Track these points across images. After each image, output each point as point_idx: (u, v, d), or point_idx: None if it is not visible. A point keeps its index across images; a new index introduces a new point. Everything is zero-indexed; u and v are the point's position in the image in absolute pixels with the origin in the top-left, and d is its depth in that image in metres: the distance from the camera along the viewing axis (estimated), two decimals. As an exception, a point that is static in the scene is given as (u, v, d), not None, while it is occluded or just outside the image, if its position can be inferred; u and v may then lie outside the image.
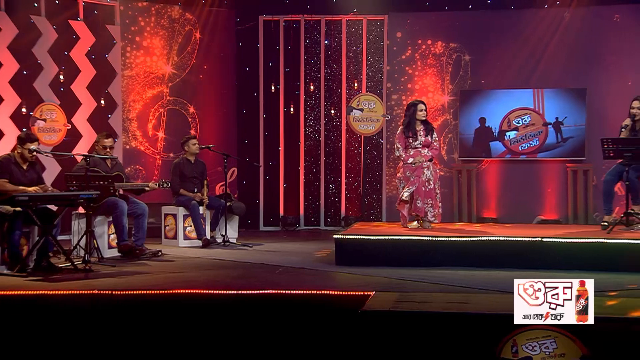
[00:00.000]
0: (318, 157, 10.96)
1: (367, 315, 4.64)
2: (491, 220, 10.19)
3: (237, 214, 9.10)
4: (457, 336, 4.48)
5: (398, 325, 4.57)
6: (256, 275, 6.36)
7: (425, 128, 7.86)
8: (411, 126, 7.83)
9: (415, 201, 7.56)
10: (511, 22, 10.37)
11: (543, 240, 6.67)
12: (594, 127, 9.86)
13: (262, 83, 10.94)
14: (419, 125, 7.84)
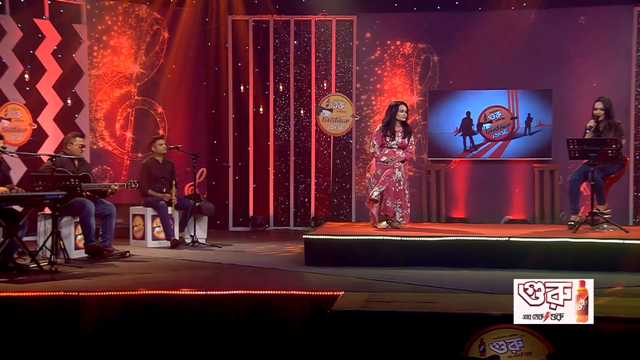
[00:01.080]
0: (287, 157, 10.95)
1: (336, 315, 4.65)
2: (460, 220, 10.28)
3: (206, 214, 9.05)
4: (426, 336, 4.51)
5: (367, 325, 4.58)
6: (225, 276, 6.34)
7: (404, 130, 7.91)
8: (390, 126, 7.87)
9: (385, 201, 7.59)
10: (479, 23, 10.44)
11: (510, 240, 6.74)
12: (560, 128, 9.99)
13: (232, 83, 10.90)
14: (398, 126, 7.90)
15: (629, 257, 6.43)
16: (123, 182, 8.18)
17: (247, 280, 6.17)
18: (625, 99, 10.05)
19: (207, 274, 6.45)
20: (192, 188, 8.99)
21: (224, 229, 10.69)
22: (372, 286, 5.77)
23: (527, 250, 6.67)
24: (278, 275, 6.41)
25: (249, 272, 6.61)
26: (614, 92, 9.32)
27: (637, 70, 10.16)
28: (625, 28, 10.18)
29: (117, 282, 6.01)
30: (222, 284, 5.77)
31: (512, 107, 10.34)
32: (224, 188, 10.90)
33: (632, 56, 10.15)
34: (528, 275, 6.16)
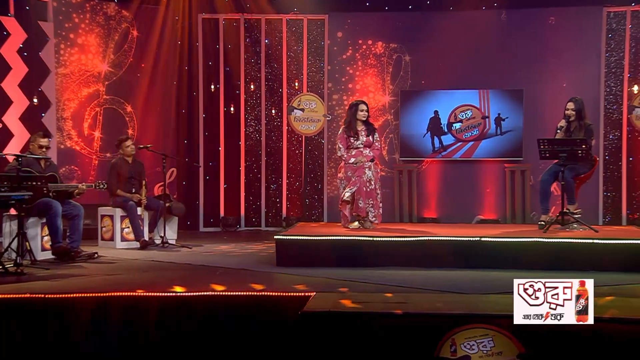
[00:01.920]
0: (259, 157, 10.93)
1: (307, 316, 4.65)
2: (431, 220, 10.35)
3: (176, 214, 9.01)
4: (398, 336, 4.54)
5: (339, 325, 4.59)
6: (196, 277, 6.30)
7: (367, 128, 7.91)
8: (352, 126, 7.88)
9: (357, 201, 7.60)
10: (450, 23, 10.52)
11: (482, 240, 6.79)
12: (531, 128, 10.09)
13: (202, 82, 10.86)
14: (360, 125, 7.90)
15: (599, 256, 6.51)
16: (91, 183, 8.09)
17: (218, 281, 6.14)
18: (595, 100, 10.20)
19: (177, 275, 6.40)
20: (162, 188, 8.92)
21: (194, 230, 10.65)
22: (344, 286, 5.77)
23: (499, 251, 6.73)
24: (249, 276, 6.39)
25: (220, 273, 6.59)
26: (584, 92, 9.43)
27: (606, 71, 10.31)
28: (595, 29, 10.33)
29: (85, 284, 5.95)
30: (192, 286, 5.74)
31: (483, 107, 10.43)
32: (195, 188, 10.86)
33: (601, 57, 10.30)
34: (499, 275, 6.28)
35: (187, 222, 10.52)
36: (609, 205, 10.38)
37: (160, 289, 5.47)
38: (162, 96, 10.80)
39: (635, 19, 10.24)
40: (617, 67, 10.31)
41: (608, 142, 10.33)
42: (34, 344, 5.10)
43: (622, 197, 10.30)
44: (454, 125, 10.50)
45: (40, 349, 5.10)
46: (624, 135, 10.28)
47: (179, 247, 8.48)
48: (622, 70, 10.28)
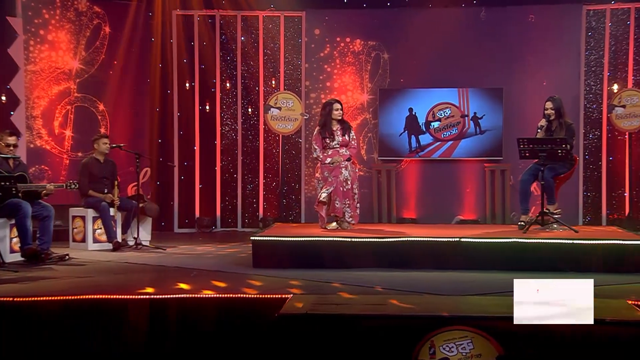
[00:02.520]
0: (235, 157, 10.90)
1: (284, 318, 4.65)
2: (410, 221, 10.38)
3: (150, 215, 8.97)
4: (376, 339, 4.54)
5: (316, 328, 4.59)
6: (170, 279, 6.27)
7: (342, 127, 7.91)
8: (327, 126, 7.87)
9: (334, 202, 7.61)
10: (429, 21, 10.57)
11: (461, 241, 6.82)
12: (511, 127, 10.16)
13: (176, 80, 10.81)
14: (336, 125, 7.90)
15: (579, 257, 6.57)
16: (62, 183, 8.02)
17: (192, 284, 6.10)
18: (575, 98, 10.29)
19: (151, 277, 6.37)
20: (136, 188, 8.88)
21: (168, 231, 10.60)
22: (321, 288, 5.78)
23: (478, 252, 6.76)
24: (225, 278, 6.37)
25: (195, 274, 6.55)
26: (564, 91, 9.55)
27: (586, 70, 10.41)
28: (575, 27, 10.42)
29: (55, 286, 5.89)
30: (166, 288, 5.71)
31: (462, 106, 10.48)
32: (169, 188, 10.81)
33: (581, 55, 10.40)
34: (478, 276, 6.31)
35: (162, 223, 10.47)
36: (589, 205, 10.47)
37: (133, 292, 5.43)
38: (135, 94, 10.72)
39: (614, 17, 10.35)
40: (596, 66, 10.41)
41: (588, 141, 10.42)
42: (2, 348, 5.04)
43: (602, 197, 10.40)
44: (432, 124, 10.54)
45: (9, 353, 5.04)
46: (603, 135, 10.38)
47: (153, 248, 8.43)
48: (601, 68, 10.38)
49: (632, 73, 10.25)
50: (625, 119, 9.78)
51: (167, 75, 10.79)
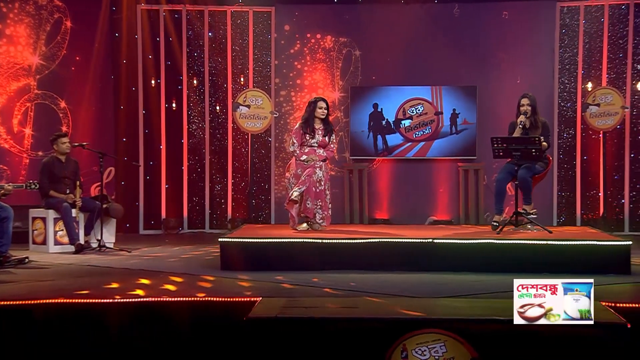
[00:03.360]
0: (203, 156, 10.84)
1: (252, 322, 4.64)
2: (383, 222, 10.41)
3: (114, 216, 8.89)
4: (347, 342, 4.54)
5: (285, 332, 4.58)
6: (134, 282, 6.22)
7: (325, 128, 7.91)
8: (310, 123, 7.87)
9: (305, 202, 7.60)
10: (402, 17, 10.60)
11: (434, 242, 6.85)
12: (484, 126, 10.23)
13: (141, 77, 10.71)
14: (318, 124, 7.90)
15: (553, 258, 6.63)
16: (22, 183, 7.92)
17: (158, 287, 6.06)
18: (549, 96, 10.39)
19: (114, 281, 6.30)
20: (99, 189, 8.81)
21: (133, 233, 10.51)
22: (291, 291, 5.78)
23: (452, 253, 6.80)
24: (192, 281, 6.34)
25: (161, 278, 6.50)
26: (538, 89, 9.64)
27: (560, 67, 10.51)
28: (549, 24, 10.52)
29: (14, 290, 5.84)
30: (130, 291, 5.66)
31: (436, 104, 10.53)
32: (134, 189, 10.71)
33: (555, 53, 10.50)
34: (452, 278, 6.35)
35: (126, 224, 10.37)
36: (564, 205, 10.58)
37: (96, 296, 5.38)
38: (98, 91, 10.63)
39: (588, 14, 10.46)
40: (571, 64, 10.51)
41: (562, 140, 10.52)
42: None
43: (577, 197, 10.50)
44: (403, 122, 10.56)
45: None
46: (578, 134, 10.48)
47: (117, 250, 8.37)
48: (575, 66, 10.49)
49: (606, 71, 10.37)
50: (600, 118, 9.89)
51: (132, 72, 10.68)
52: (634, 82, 10.26)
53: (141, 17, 10.69)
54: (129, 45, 10.66)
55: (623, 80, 10.27)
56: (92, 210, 8.56)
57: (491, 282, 6.17)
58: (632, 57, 10.26)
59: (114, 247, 8.58)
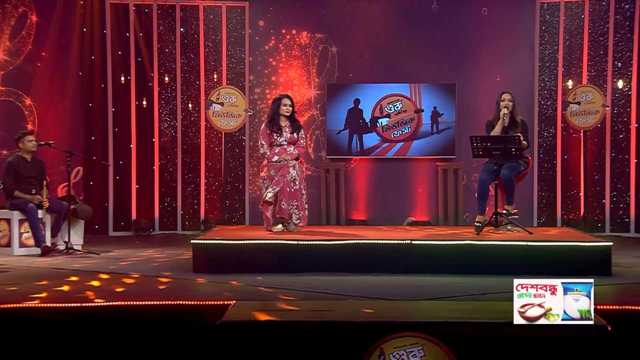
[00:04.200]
0: (175, 155, 10.79)
1: (226, 326, 4.61)
2: (360, 223, 10.43)
3: (82, 217, 8.83)
4: (323, 346, 4.54)
5: (259, 336, 4.57)
6: (103, 286, 6.18)
7: (292, 125, 7.90)
8: (275, 122, 7.85)
9: (280, 202, 7.59)
10: (380, 13, 10.65)
11: (413, 243, 6.86)
12: (463, 124, 10.29)
13: (111, 73, 10.63)
14: (285, 121, 7.89)
15: (533, 259, 6.67)
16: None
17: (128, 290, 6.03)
18: (529, 95, 10.47)
19: (83, 285, 6.26)
20: (67, 189, 8.74)
21: (103, 234, 10.45)
22: (266, 294, 5.76)
23: (430, 254, 6.82)
24: (163, 285, 6.30)
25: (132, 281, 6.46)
26: (518, 87, 9.72)
27: (540, 65, 10.59)
28: (528, 21, 10.60)
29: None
30: (99, 295, 5.62)
31: (415, 102, 10.56)
32: (103, 189, 10.64)
33: (535, 50, 10.58)
34: (430, 280, 6.37)
35: (95, 225, 10.31)
36: (544, 205, 10.66)
37: (62, 300, 5.33)
38: (66, 88, 10.54)
39: (568, 10, 10.55)
40: (551, 61, 10.60)
41: (543, 139, 10.60)
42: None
43: (557, 197, 10.59)
44: (380, 120, 10.58)
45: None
46: (558, 133, 10.57)
47: (86, 253, 8.30)
48: (556, 64, 10.57)
49: (587, 69, 10.46)
50: (580, 116, 9.97)
51: (100, 69, 10.60)
52: (615, 80, 10.36)
53: (110, 11, 10.61)
54: (97, 40, 10.58)
55: (604, 78, 10.37)
56: (59, 211, 8.49)
57: (471, 284, 6.20)
58: (612, 54, 10.36)
59: (82, 249, 8.52)
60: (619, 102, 10.37)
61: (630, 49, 10.29)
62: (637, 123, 10.28)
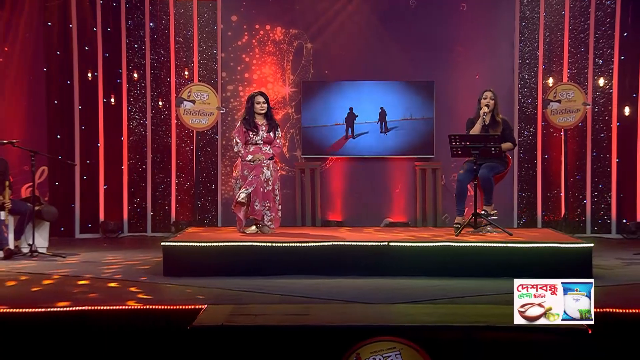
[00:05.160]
0: (144, 155, 10.74)
1: (197, 331, 4.62)
2: (336, 224, 10.44)
3: (47, 219, 8.76)
4: (297, 351, 4.55)
5: (232, 341, 4.57)
6: (69, 290, 6.14)
7: (269, 123, 7.91)
8: (250, 120, 7.85)
9: (253, 203, 7.59)
10: (356, 9, 10.68)
11: (390, 245, 6.90)
12: (442, 123, 10.34)
13: (77, 69, 10.56)
14: (261, 120, 7.89)
15: (513, 261, 6.72)
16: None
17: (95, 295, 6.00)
18: (509, 92, 10.55)
19: (47, 289, 6.23)
20: (31, 189, 8.67)
21: (69, 237, 10.39)
22: (239, 298, 5.77)
23: (408, 256, 6.85)
24: (132, 289, 6.28)
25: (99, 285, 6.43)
26: (498, 85, 9.74)
27: (520, 62, 10.67)
28: (508, 17, 10.68)
29: None
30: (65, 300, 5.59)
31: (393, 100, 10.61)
32: (69, 189, 10.56)
33: (515, 47, 10.66)
34: (408, 283, 6.40)
35: (61, 227, 10.24)
36: (524, 206, 10.73)
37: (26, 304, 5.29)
38: (30, 84, 10.48)
39: (549, 6, 10.63)
40: (531, 58, 10.68)
41: (523, 138, 10.67)
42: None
43: (538, 198, 10.67)
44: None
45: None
46: (539, 131, 10.65)
47: (51, 256, 8.25)
48: (536, 61, 10.66)
49: (567, 66, 10.56)
50: (561, 115, 10.03)
51: (66, 64, 10.53)
52: (596, 78, 10.47)
53: (76, 4, 10.53)
54: (63, 35, 10.51)
55: (585, 76, 10.48)
56: (23, 212, 8.42)
57: (449, 286, 6.24)
58: (593, 51, 10.46)
59: (47, 252, 8.46)
60: (600, 100, 10.48)
61: (612, 46, 10.41)
62: (618, 122, 10.40)
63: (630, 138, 10.40)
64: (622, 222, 10.38)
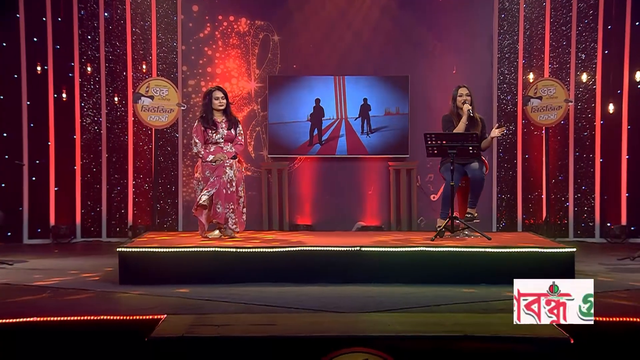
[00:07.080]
0: (99, 154, 10.69)
1: (156, 343, 4.61)
2: (305, 228, 10.47)
3: (-7, 224, 8.71)
4: (263, 363, 4.57)
5: (193, 353, 4.57)
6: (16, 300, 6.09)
7: (228, 120, 7.90)
8: (209, 117, 7.83)
9: (215, 206, 7.57)
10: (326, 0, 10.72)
11: (362, 250, 6.92)
12: (417, 121, 10.40)
13: (25, 63, 10.47)
14: (220, 116, 7.88)
15: (491, 267, 6.78)
16: None
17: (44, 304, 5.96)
18: (487, 88, 10.65)
19: (-7, 299, 6.19)
20: (-25, 192, 8.60)
21: (16, 242, 10.32)
22: (200, 307, 5.76)
23: (381, 262, 6.88)
24: (86, 298, 6.25)
25: (49, 294, 6.40)
26: (476, 80, 9.90)
27: (499, 56, 10.76)
28: (486, 10, 10.79)
29: None
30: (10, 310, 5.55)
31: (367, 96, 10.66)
32: (17, 191, 10.48)
33: (493, 41, 10.76)
34: (381, 290, 6.42)
35: (7, 232, 10.19)
36: (504, 208, 10.83)
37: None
38: (-28, 79, 10.38)
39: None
40: (510, 52, 10.78)
41: (502, 137, 10.74)
42: None
43: (518, 200, 10.76)
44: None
45: None
46: (519, 130, 10.75)
47: (-3, 263, 8.19)
48: (516, 55, 10.76)
49: (549, 61, 10.67)
50: (542, 112, 10.10)
51: (13, 57, 10.43)
52: (578, 73, 10.58)
53: (24, -8, 10.47)
54: (8, 25, 10.42)
55: (567, 71, 10.59)
56: (-33, 216, 8.37)
57: (424, 294, 6.28)
58: (575, 45, 10.58)
59: (-7, 259, 8.40)
60: (583, 96, 10.60)
61: (595, 39, 10.53)
62: (602, 120, 10.51)
63: (615, 137, 10.51)
64: (606, 226, 10.51)
